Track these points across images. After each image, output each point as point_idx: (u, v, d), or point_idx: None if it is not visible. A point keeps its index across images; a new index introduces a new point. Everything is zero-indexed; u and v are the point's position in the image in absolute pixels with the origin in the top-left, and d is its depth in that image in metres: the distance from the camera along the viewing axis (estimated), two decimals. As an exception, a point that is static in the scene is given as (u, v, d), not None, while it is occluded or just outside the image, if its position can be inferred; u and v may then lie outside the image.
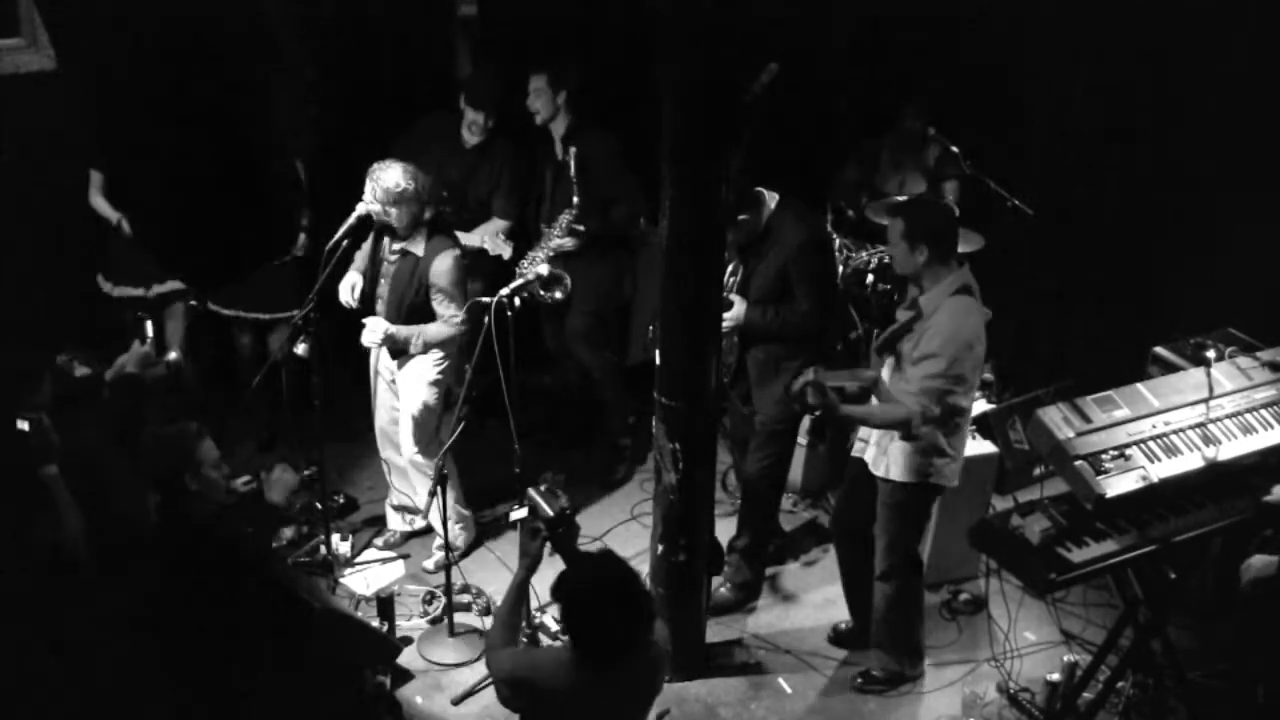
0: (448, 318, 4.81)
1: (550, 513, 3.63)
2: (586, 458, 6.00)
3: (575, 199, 5.36)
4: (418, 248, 4.77)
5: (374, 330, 4.77)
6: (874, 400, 4.31)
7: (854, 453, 4.47)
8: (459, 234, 5.22)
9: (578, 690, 3.19)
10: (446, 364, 4.97)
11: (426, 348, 4.84)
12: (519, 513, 3.95)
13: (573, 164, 5.33)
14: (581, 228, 5.41)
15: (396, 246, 4.81)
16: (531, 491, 3.71)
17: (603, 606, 3.13)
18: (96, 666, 3.67)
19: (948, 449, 4.19)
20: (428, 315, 4.83)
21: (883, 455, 4.27)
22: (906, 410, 4.01)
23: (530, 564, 3.64)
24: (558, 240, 5.43)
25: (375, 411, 5.19)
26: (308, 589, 4.13)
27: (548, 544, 3.65)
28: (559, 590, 3.21)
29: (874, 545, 4.44)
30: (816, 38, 6.39)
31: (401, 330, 4.79)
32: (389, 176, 4.63)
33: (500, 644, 3.45)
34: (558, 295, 5.37)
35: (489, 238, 5.58)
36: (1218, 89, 5.49)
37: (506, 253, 5.61)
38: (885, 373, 4.26)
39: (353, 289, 4.91)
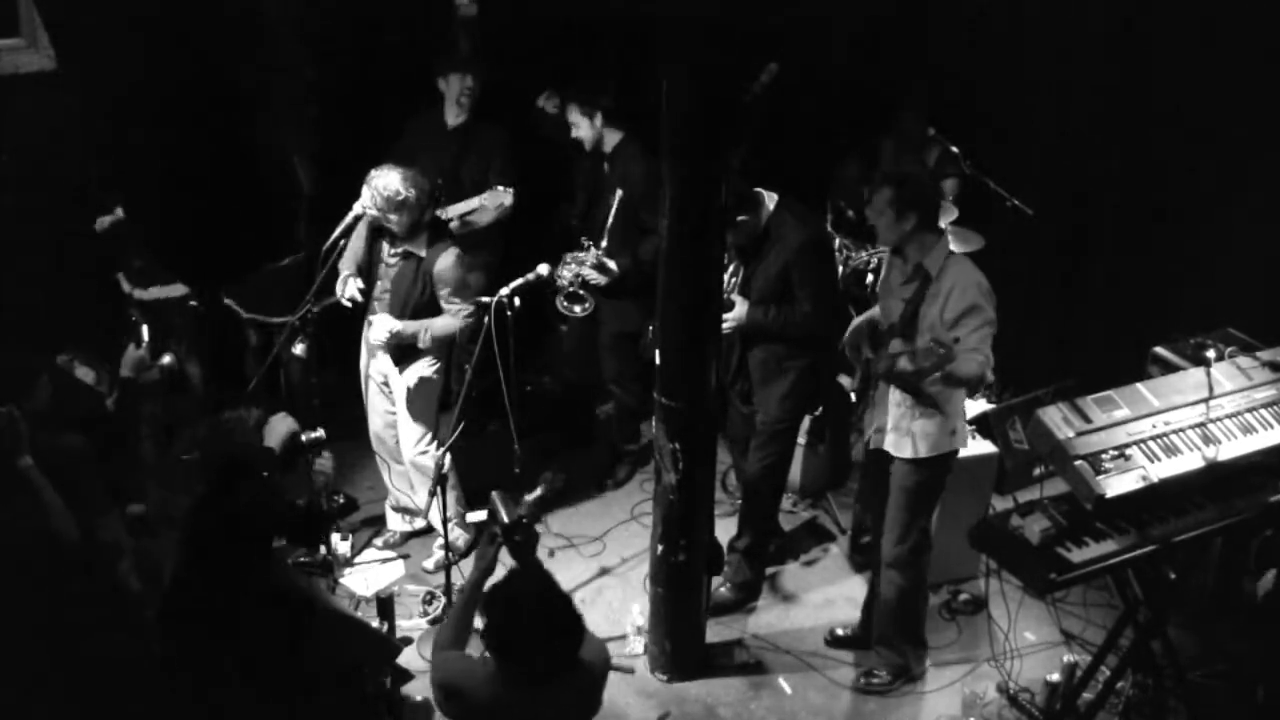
0: (455, 311, 4.82)
1: (506, 519, 3.59)
2: (586, 458, 6.00)
3: (604, 242, 5.30)
4: (420, 249, 4.78)
5: (381, 327, 4.77)
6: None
7: (871, 445, 4.45)
8: (457, 205, 5.28)
9: (502, 705, 3.13)
10: (439, 365, 4.98)
11: (434, 342, 4.83)
12: (476, 515, 3.92)
13: (614, 206, 5.23)
14: (613, 265, 5.30)
15: (397, 249, 4.81)
16: (495, 495, 3.68)
17: (526, 626, 3.08)
18: (95, 665, 3.67)
19: (960, 410, 4.26)
20: (433, 315, 4.83)
21: (905, 436, 4.26)
22: (977, 364, 3.99)
23: (484, 568, 3.59)
24: (588, 270, 5.32)
25: (369, 416, 5.19)
26: (308, 589, 4.13)
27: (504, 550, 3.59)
28: (486, 605, 3.17)
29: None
30: (816, 37, 6.38)
31: (409, 325, 4.78)
32: (388, 184, 4.63)
33: (446, 644, 3.37)
34: (576, 310, 5.34)
35: (488, 194, 5.50)
36: (1218, 88, 5.48)
37: (508, 200, 5.50)
38: (897, 350, 4.25)
39: (346, 282, 4.88)
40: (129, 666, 3.71)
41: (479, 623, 3.31)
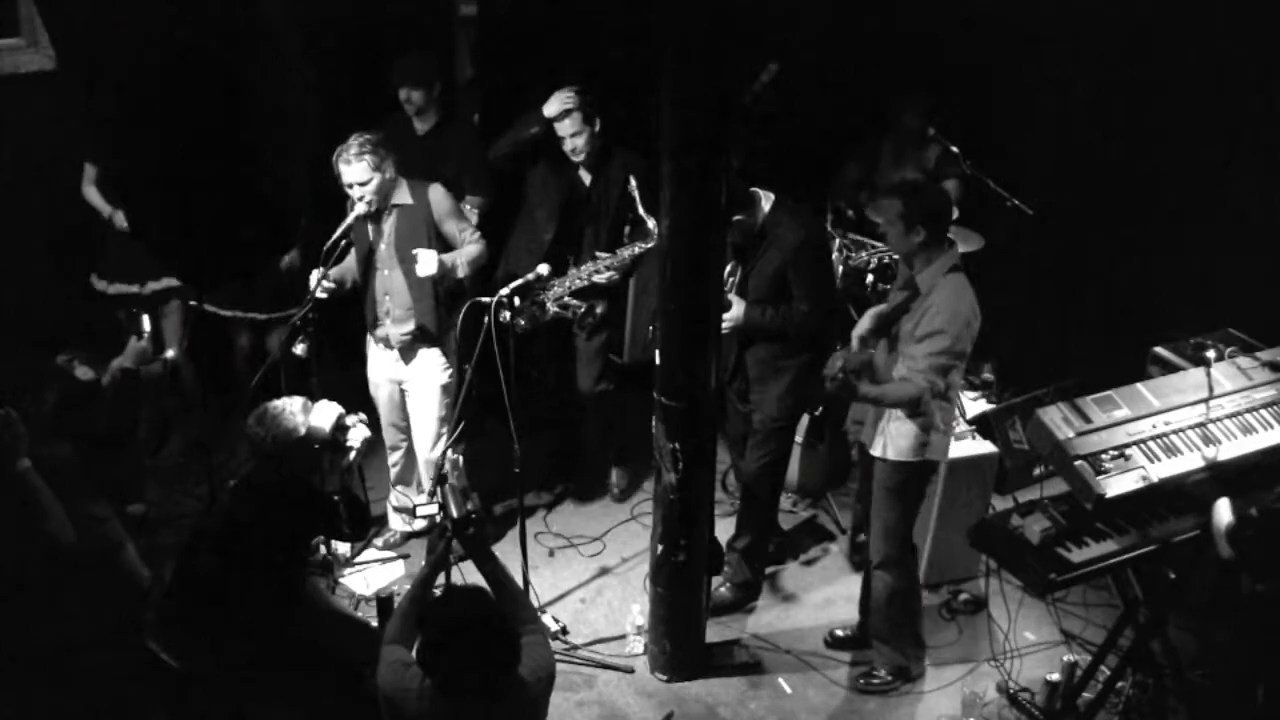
0: (471, 236, 4.90)
1: (455, 513, 3.55)
2: (586, 457, 5.99)
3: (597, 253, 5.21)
4: (404, 197, 4.82)
5: (428, 261, 4.75)
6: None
7: (852, 437, 4.47)
8: None
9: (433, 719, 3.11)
10: (452, 369, 5.00)
11: (471, 268, 4.88)
12: (427, 508, 3.90)
13: (645, 221, 4.96)
14: (632, 251, 5.14)
15: (389, 214, 4.83)
16: (446, 488, 3.64)
17: (462, 653, 3.03)
18: (92, 665, 3.67)
19: (939, 424, 4.22)
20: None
21: (880, 436, 4.29)
22: (916, 387, 4.05)
23: (435, 562, 3.56)
24: (607, 274, 5.19)
25: (384, 429, 5.20)
26: (310, 589, 4.14)
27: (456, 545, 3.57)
28: (426, 622, 3.15)
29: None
30: (817, 37, 6.38)
31: (448, 257, 4.82)
32: (355, 173, 4.65)
33: (392, 638, 3.32)
34: (590, 323, 5.30)
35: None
36: (1218, 88, 5.49)
37: (473, 219, 5.39)
38: (880, 355, 4.28)
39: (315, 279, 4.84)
40: (125, 667, 3.71)
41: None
